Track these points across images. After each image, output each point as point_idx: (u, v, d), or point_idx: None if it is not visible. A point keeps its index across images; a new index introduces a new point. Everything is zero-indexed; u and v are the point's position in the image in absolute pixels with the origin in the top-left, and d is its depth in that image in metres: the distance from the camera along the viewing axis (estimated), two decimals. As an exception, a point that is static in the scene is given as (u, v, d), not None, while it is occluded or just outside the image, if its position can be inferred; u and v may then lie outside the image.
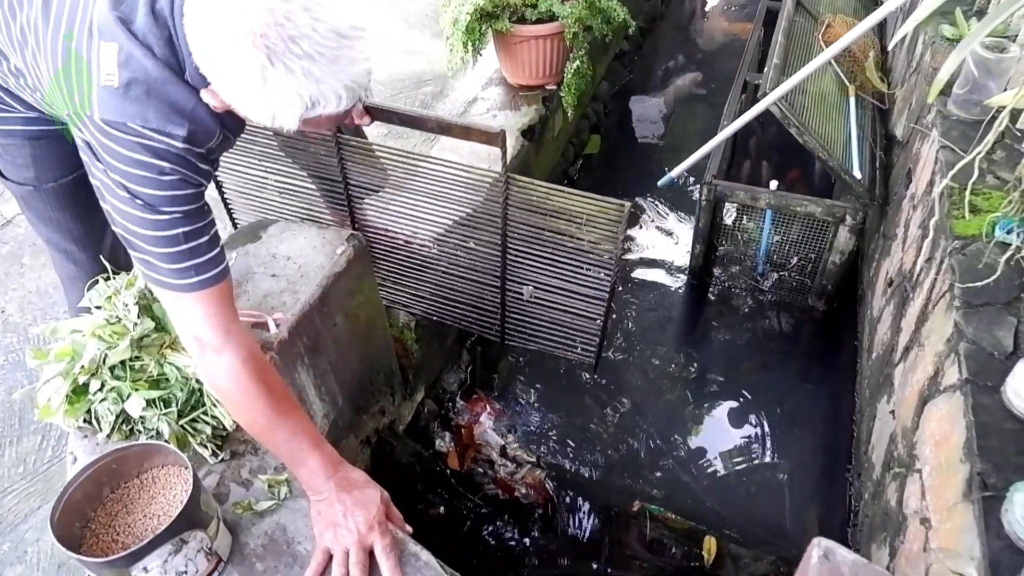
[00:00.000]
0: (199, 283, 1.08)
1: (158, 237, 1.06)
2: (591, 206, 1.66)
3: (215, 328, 1.10)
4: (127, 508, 1.07)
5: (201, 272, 1.08)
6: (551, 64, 2.81)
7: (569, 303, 1.90)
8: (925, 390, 1.54)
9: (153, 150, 1.03)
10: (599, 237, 1.70)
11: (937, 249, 1.69)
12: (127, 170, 1.04)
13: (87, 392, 1.22)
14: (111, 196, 1.07)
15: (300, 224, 1.72)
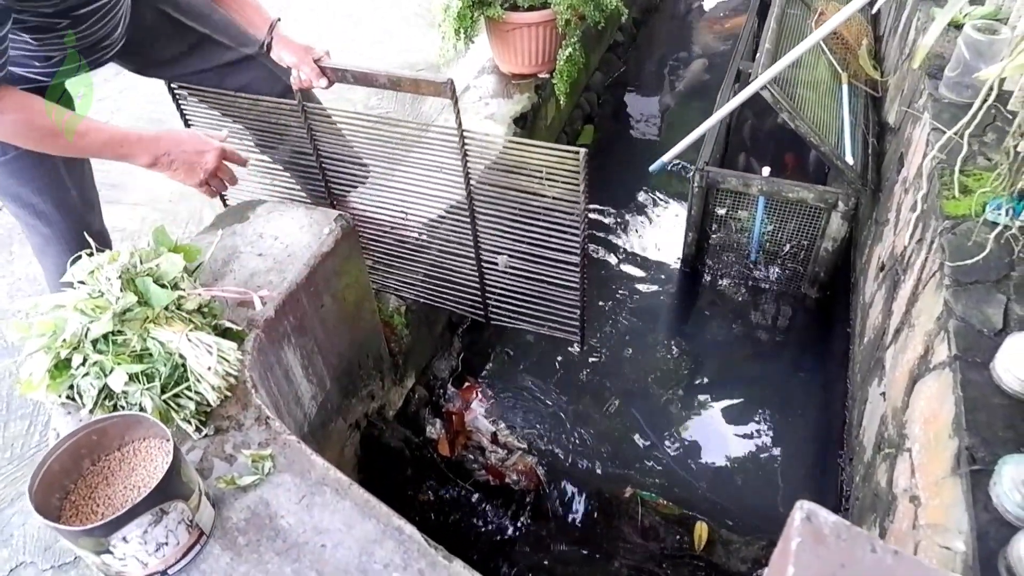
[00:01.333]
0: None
1: None
2: (550, 157, 1.64)
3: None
4: (107, 480, 1.06)
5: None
6: (543, 52, 2.80)
7: (546, 272, 1.88)
8: (915, 369, 1.53)
9: None
10: (562, 191, 1.68)
11: (928, 230, 1.69)
12: None
13: (69, 367, 1.21)
14: None
15: (288, 204, 1.71)
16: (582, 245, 1.77)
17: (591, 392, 2.53)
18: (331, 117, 1.82)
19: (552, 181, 1.69)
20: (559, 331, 2.02)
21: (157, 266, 1.28)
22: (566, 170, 1.64)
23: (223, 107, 1.86)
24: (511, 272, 1.95)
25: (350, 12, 3.83)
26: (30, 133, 1.35)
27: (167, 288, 1.26)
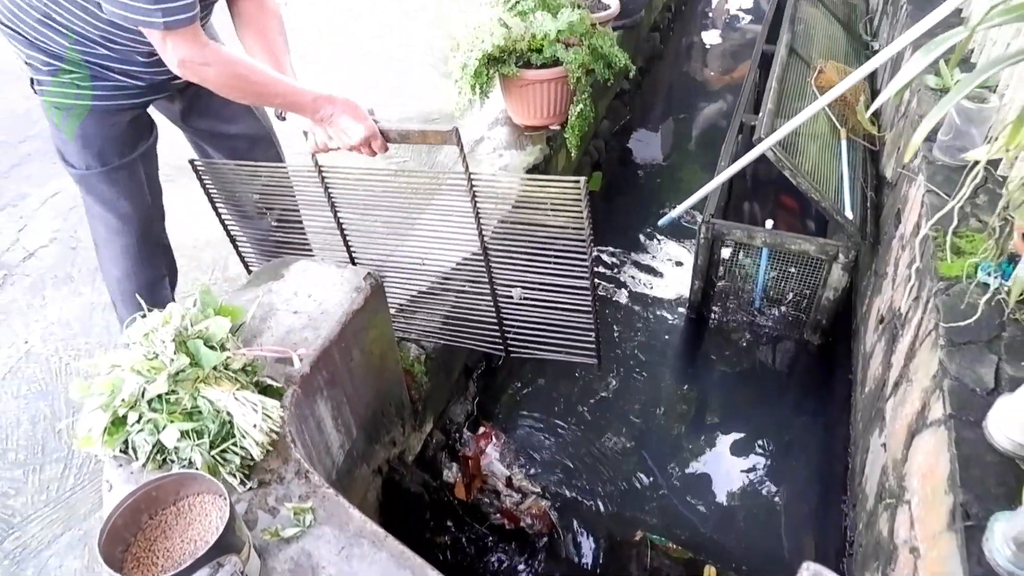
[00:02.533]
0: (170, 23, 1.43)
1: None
2: (553, 190, 1.76)
3: (197, 52, 1.50)
4: (165, 534, 1.15)
5: (169, 14, 1.42)
6: (555, 106, 2.93)
7: (558, 299, 1.98)
8: (913, 424, 1.62)
9: None
10: (567, 220, 1.79)
11: (923, 289, 1.79)
12: None
13: (125, 423, 1.30)
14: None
15: (320, 262, 1.81)
16: (590, 269, 1.88)
17: (601, 434, 2.61)
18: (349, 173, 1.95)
19: (557, 211, 1.80)
20: (577, 355, 2.10)
21: (206, 328, 1.38)
22: (569, 200, 1.75)
23: (243, 180, 2.00)
24: (526, 303, 2.06)
25: (350, 6, 3.92)
26: (232, 81, 1.58)
27: (216, 349, 1.36)
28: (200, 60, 1.51)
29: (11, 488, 2.02)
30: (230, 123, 1.98)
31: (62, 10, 1.54)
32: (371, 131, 1.70)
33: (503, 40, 2.65)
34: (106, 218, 1.90)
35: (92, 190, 1.85)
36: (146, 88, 1.74)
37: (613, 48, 2.81)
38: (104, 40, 1.59)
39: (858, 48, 3.54)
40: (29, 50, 1.63)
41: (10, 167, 3.34)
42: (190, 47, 1.49)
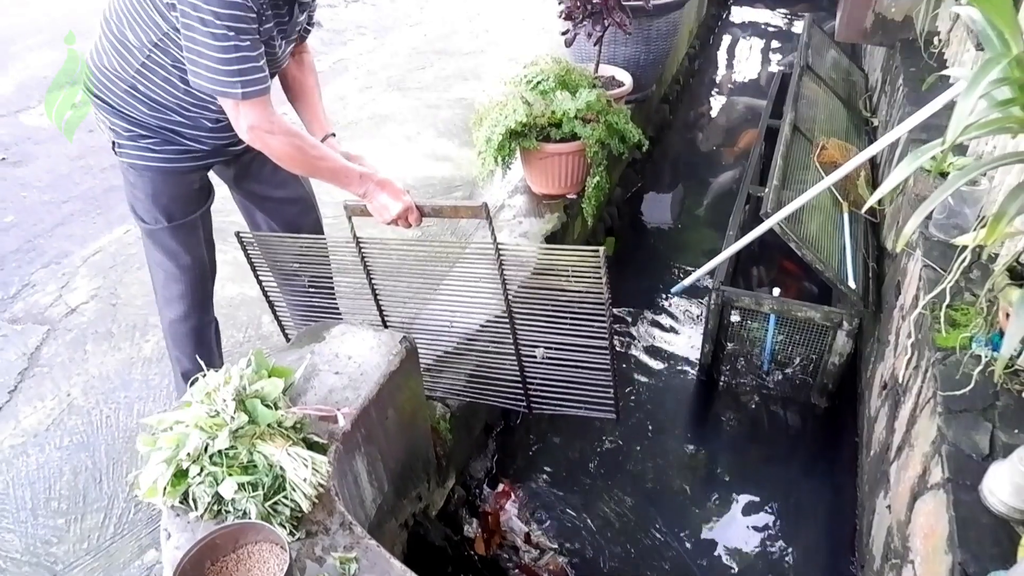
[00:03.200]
0: (247, 93, 1.63)
1: (223, 49, 1.57)
2: (573, 258, 1.92)
3: (265, 120, 1.69)
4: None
5: (248, 86, 1.63)
6: (572, 177, 3.11)
7: (579, 358, 2.12)
8: (915, 487, 1.72)
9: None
10: (587, 285, 1.94)
11: (922, 359, 1.91)
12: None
13: (187, 476, 1.42)
14: (192, 32, 1.57)
15: (359, 326, 1.95)
16: (609, 330, 2.02)
17: (614, 492, 2.69)
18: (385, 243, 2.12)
19: (577, 277, 1.96)
20: (596, 411, 2.22)
21: (262, 388, 1.51)
22: (589, 267, 1.91)
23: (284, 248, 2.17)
24: (548, 362, 2.19)
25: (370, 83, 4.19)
26: (292, 152, 1.78)
27: (271, 408, 1.48)
28: (267, 128, 1.71)
29: (54, 536, 2.12)
30: (278, 188, 2.17)
31: (147, 81, 1.77)
32: (407, 207, 1.90)
33: (525, 117, 2.84)
34: (166, 266, 2.09)
35: (157, 242, 2.05)
36: (210, 152, 1.94)
37: (628, 124, 3.00)
38: (179, 108, 1.81)
39: (858, 124, 3.73)
40: (113, 117, 1.86)
41: (53, 226, 3.52)
42: (259, 115, 1.69)
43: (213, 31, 1.57)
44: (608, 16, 3.15)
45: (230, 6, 1.57)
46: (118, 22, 1.74)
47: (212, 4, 1.55)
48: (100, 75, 1.82)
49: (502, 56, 4.97)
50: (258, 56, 1.66)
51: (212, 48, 1.59)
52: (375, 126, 4.19)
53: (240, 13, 1.58)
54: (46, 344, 2.81)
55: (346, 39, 5.61)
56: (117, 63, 1.76)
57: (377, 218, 1.92)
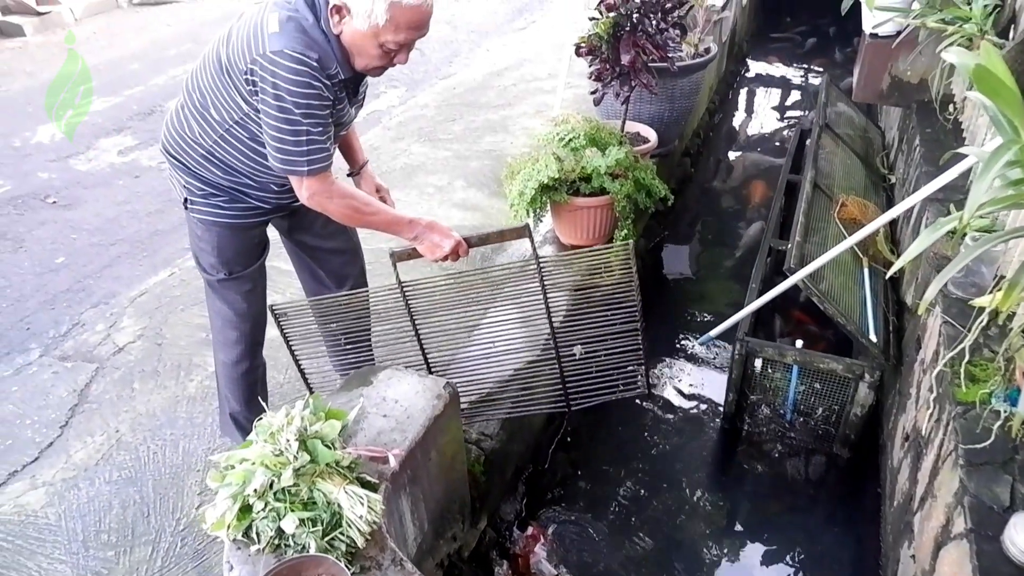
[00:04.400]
0: (313, 171, 1.82)
1: (295, 133, 1.75)
2: (605, 255, 2.14)
3: (325, 189, 1.87)
4: (292, 608, 1.34)
5: (314, 164, 1.81)
6: (600, 229, 3.24)
7: (612, 345, 2.30)
8: (939, 537, 1.78)
9: (301, 62, 1.69)
10: (618, 278, 2.16)
11: (943, 412, 1.98)
12: (288, 82, 1.70)
13: (251, 511, 1.52)
14: (270, 119, 1.75)
15: (404, 371, 2.06)
16: (640, 309, 2.24)
17: (639, 536, 2.75)
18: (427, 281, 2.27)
19: (610, 272, 2.20)
20: (628, 393, 2.41)
21: (321, 429, 1.62)
22: (619, 260, 2.14)
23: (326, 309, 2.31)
24: (585, 357, 2.33)
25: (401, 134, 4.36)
26: (348, 212, 1.96)
27: (329, 448, 1.59)
28: (327, 195, 1.90)
29: (103, 568, 2.21)
30: (328, 239, 2.33)
31: (224, 151, 1.94)
32: (456, 242, 2.07)
33: (557, 172, 2.99)
34: (225, 313, 2.24)
35: (217, 290, 2.21)
36: (272, 208, 2.12)
37: (654, 180, 3.14)
38: (251, 174, 1.98)
39: (876, 181, 3.85)
40: (188, 177, 2.03)
41: (102, 267, 3.69)
42: (320, 186, 1.88)
43: (289, 117, 1.74)
44: (635, 77, 3.31)
45: (308, 96, 1.74)
46: (201, 97, 1.90)
47: (291, 96, 1.72)
48: (180, 139, 1.99)
49: (529, 110, 5.16)
50: (325, 138, 1.83)
51: (285, 132, 1.77)
52: (407, 176, 4.36)
53: (316, 102, 1.76)
54: (95, 381, 2.94)
55: (379, 92, 5.85)
56: (198, 131, 1.93)
57: (429, 256, 2.08)
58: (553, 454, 3.07)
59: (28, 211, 4.23)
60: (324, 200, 1.89)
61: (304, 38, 1.72)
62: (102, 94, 5.87)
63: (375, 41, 1.75)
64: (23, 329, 3.27)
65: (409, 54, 1.86)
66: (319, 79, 1.73)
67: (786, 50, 7.69)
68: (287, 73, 1.70)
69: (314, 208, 1.93)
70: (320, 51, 1.74)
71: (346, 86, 1.89)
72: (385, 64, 1.84)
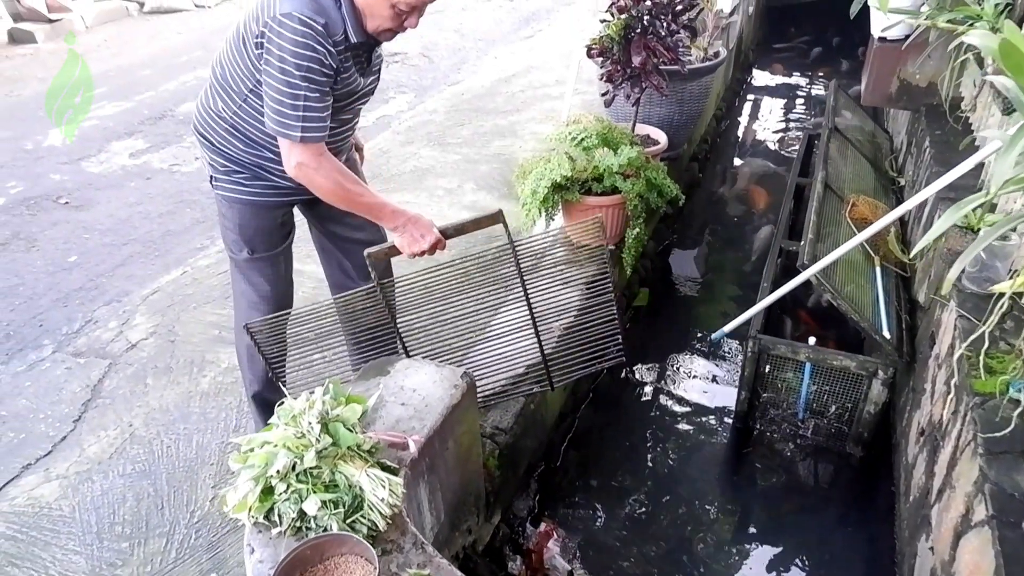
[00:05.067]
0: (305, 137, 1.82)
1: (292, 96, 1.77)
2: (575, 231, 2.17)
3: (314, 160, 1.86)
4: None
5: (307, 132, 1.81)
6: (612, 228, 3.25)
7: (588, 319, 2.35)
8: (959, 526, 1.78)
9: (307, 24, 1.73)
10: (589, 252, 2.20)
11: (961, 404, 1.98)
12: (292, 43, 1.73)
13: (273, 493, 1.52)
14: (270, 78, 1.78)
15: (421, 361, 2.07)
16: (613, 282, 2.29)
17: (651, 534, 2.74)
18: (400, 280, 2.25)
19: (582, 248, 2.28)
20: (607, 362, 2.44)
21: (342, 412, 1.62)
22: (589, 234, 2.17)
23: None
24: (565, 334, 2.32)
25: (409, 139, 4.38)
26: (337, 189, 1.94)
27: (352, 431, 1.59)
28: (314, 167, 1.89)
29: (118, 559, 2.21)
30: (357, 231, 2.34)
31: (244, 121, 1.97)
32: (436, 237, 2.08)
33: (569, 171, 3.00)
34: (249, 295, 2.26)
35: (243, 270, 2.23)
36: (294, 189, 2.10)
37: (665, 180, 3.15)
38: (270, 145, 1.99)
39: (885, 183, 3.86)
40: (212, 154, 2.06)
41: (114, 266, 3.71)
42: (310, 156, 1.88)
43: (288, 79, 1.78)
44: (646, 79, 3.34)
45: (309, 59, 1.77)
46: (222, 70, 1.96)
47: (293, 57, 1.76)
48: (206, 115, 2.03)
49: (537, 115, 5.19)
50: (323, 108, 1.85)
51: (283, 94, 1.80)
52: (417, 179, 4.38)
53: (316, 67, 1.79)
54: (108, 377, 2.94)
55: (388, 97, 5.89)
56: (222, 104, 1.97)
57: (407, 251, 2.07)
58: (565, 451, 3.07)
59: (41, 212, 4.25)
60: (312, 172, 1.89)
61: (313, 3, 1.76)
62: (113, 99, 5.91)
63: (387, 2, 1.79)
64: (36, 326, 3.28)
65: (420, 18, 1.90)
66: (323, 44, 1.77)
67: (791, 59, 7.74)
68: (292, 34, 1.74)
69: (300, 180, 1.93)
70: (328, 16, 1.77)
71: (356, 53, 1.92)
72: (396, 27, 1.87)
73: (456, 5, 8.60)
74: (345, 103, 2.01)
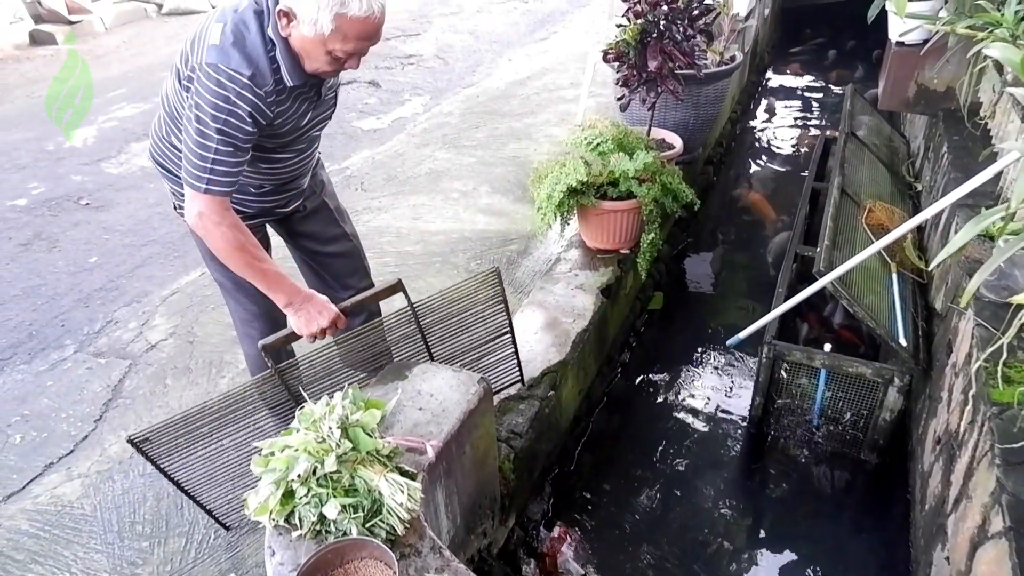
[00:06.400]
0: (210, 190, 1.77)
1: (202, 146, 1.73)
2: (470, 285, 2.17)
3: (216, 214, 1.80)
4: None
5: (213, 184, 1.76)
6: (627, 233, 3.26)
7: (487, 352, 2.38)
8: (975, 537, 1.78)
9: (230, 78, 1.69)
10: (487, 297, 2.21)
11: (978, 414, 1.98)
12: (210, 94, 1.69)
13: (294, 496, 1.54)
14: (188, 124, 1.74)
15: (438, 366, 2.08)
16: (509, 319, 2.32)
17: (665, 539, 2.75)
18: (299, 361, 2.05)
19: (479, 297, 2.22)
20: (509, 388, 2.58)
21: (362, 417, 1.64)
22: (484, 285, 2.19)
23: None
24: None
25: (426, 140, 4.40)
26: (233, 249, 1.84)
27: (371, 436, 1.61)
28: (215, 220, 1.81)
29: (139, 558, 2.24)
30: (329, 244, 2.36)
31: None
32: (334, 315, 1.98)
33: (585, 176, 3.01)
34: (239, 312, 2.30)
35: (227, 291, 2.27)
36: (255, 213, 2.13)
37: (680, 185, 3.16)
38: None
39: (902, 189, 3.84)
40: (170, 183, 2.08)
41: (134, 267, 3.75)
42: (213, 209, 1.80)
43: (203, 129, 1.73)
44: (662, 84, 3.34)
45: (227, 113, 1.71)
46: (168, 101, 1.93)
47: (211, 108, 1.70)
48: (161, 145, 2.02)
49: (552, 118, 5.21)
50: (234, 164, 1.78)
51: (196, 143, 1.75)
52: (432, 181, 4.41)
53: (233, 121, 1.72)
54: (128, 377, 2.99)
55: (403, 99, 5.91)
56: (172, 132, 1.95)
57: (304, 332, 1.95)
58: (579, 455, 3.08)
59: (62, 212, 4.31)
60: (211, 224, 1.80)
61: (240, 53, 1.70)
62: (133, 100, 5.97)
63: (323, 48, 1.70)
64: (58, 326, 3.33)
65: (361, 60, 1.81)
66: (247, 97, 1.71)
67: (806, 62, 7.70)
68: (213, 85, 1.69)
69: (198, 232, 1.86)
70: (256, 65, 1.71)
71: (300, 92, 1.86)
72: (337, 69, 1.80)
73: (471, 7, 8.63)
74: (295, 136, 1.97)
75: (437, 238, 3.77)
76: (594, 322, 3.01)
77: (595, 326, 3.03)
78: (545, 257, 3.52)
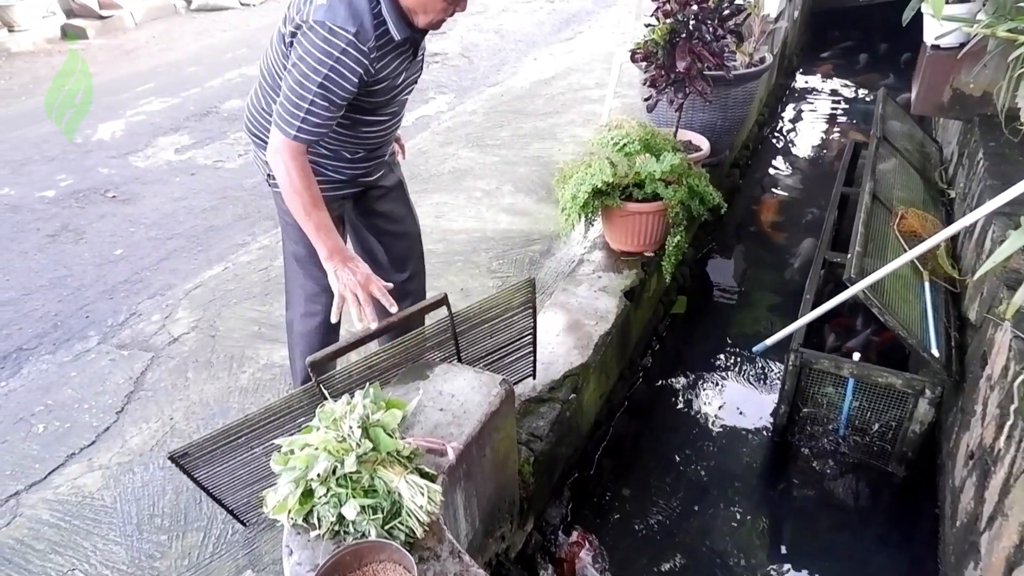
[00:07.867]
0: (298, 137, 1.83)
1: (300, 96, 1.78)
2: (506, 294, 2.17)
3: (296, 156, 1.85)
4: (354, 593, 1.34)
5: (303, 133, 1.82)
6: (652, 235, 3.22)
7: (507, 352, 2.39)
8: (1011, 557, 1.72)
9: (336, 35, 1.74)
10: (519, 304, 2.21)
11: (1016, 429, 1.92)
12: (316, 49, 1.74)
13: (313, 496, 1.52)
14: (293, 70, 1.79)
15: (460, 366, 2.06)
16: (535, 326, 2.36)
17: (686, 547, 2.70)
18: None
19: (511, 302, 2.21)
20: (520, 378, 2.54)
21: (383, 417, 1.62)
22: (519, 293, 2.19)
23: None
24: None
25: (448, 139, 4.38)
26: (295, 188, 1.88)
27: (391, 437, 1.59)
28: (291, 158, 1.87)
29: (157, 551, 2.24)
30: (397, 223, 2.38)
31: None
32: (367, 276, 1.96)
33: (611, 176, 2.98)
34: (308, 287, 2.29)
35: (302, 265, 2.26)
36: (347, 181, 2.14)
37: (707, 187, 3.11)
38: (323, 141, 2.01)
39: (935, 195, 3.76)
40: (265, 152, 2.05)
41: (158, 260, 3.78)
42: (293, 151, 1.86)
43: (304, 82, 1.78)
44: (690, 84, 3.29)
45: (329, 69, 1.77)
46: (268, 69, 1.98)
47: (316, 63, 1.76)
48: (257, 115, 2.07)
49: (577, 118, 5.17)
50: (327, 118, 1.84)
51: (294, 93, 1.80)
52: (455, 180, 4.39)
53: (335, 78, 1.78)
54: (150, 370, 3.00)
55: (427, 97, 5.91)
56: (272, 100, 1.99)
57: (339, 286, 1.95)
58: (599, 460, 3.04)
59: (89, 204, 4.35)
60: (288, 159, 1.86)
61: (346, 10, 1.75)
62: (161, 95, 6.03)
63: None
64: (83, 317, 3.35)
65: (467, 1, 1.90)
66: (351, 54, 1.76)
67: (836, 65, 7.59)
68: (320, 41, 1.75)
69: (273, 162, 1.91)
70: (360, 23, 1.76)
71: (402, 49, 1.91)
72: (447, 15, 1.88)
73: (497, 6, 8.61)
74: (390, 96, 2.01)
75: (459, 237, 3.75)
76: (617, 325, 2.97)
77: (618, 329, 2.99)
78: (568, 258, 3.49)
